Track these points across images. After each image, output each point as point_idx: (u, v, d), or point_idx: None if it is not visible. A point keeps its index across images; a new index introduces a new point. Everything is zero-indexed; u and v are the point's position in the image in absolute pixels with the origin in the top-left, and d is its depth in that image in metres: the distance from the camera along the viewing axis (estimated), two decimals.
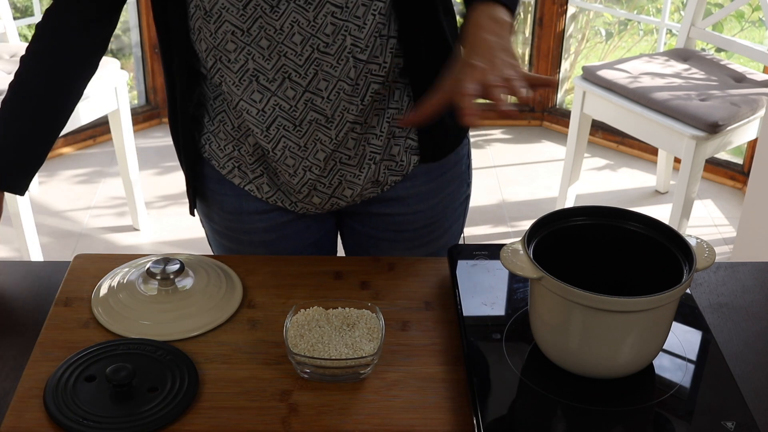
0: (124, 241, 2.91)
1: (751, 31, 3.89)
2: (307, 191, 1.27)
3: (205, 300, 1.15)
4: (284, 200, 1.31)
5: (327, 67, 1.16)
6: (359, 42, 1.15)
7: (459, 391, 1.03)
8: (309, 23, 1.13)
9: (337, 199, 1.29)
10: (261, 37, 1.14)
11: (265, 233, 1.35)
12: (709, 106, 2.60)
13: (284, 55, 1.15)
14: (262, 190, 1.30)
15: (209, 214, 1.38)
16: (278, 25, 1.13)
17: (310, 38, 1.14)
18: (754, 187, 2.47)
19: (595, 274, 1.05)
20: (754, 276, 1.29)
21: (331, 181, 1.26)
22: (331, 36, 1.14)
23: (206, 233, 1.46)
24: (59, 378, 1.02)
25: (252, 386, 1.04)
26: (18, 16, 3.29)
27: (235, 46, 1.15)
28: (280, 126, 1.20)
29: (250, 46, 1.15)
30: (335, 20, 1.13)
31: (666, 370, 1.04)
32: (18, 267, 1.29)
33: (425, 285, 1.22)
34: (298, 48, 1.14)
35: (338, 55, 1.15)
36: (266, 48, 1.15)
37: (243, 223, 1.35)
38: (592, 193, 3.23)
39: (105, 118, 2.81)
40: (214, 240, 1.44)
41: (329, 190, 1.28)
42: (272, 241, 1.36)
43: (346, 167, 1.25)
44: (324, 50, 1.15)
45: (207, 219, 1.41)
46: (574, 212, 1.08)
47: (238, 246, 1.38)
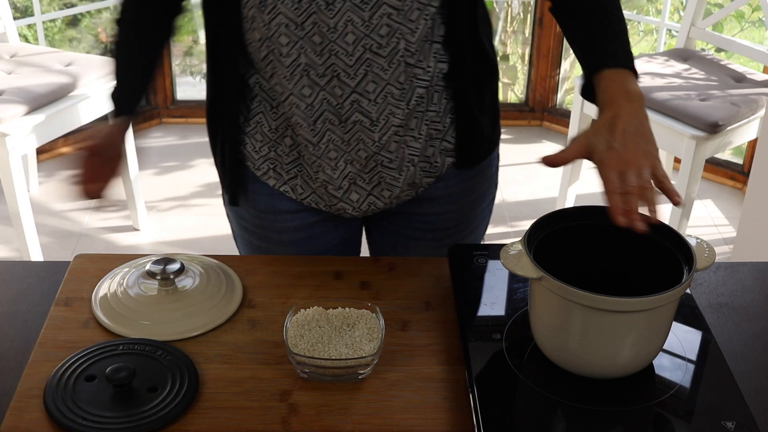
0: (124, 241, 2.91)
1: (751, 31, 3.88)
2: (348, 185, 1.26)
3: (205, 300, 1.15)
4: (318, 201, 1.30)
5: (377, 68, 1.16)
6: (411, 46, 1.15)
7: (459, 391, 1.03)
8: (364, 23, 1.12)
9: (375, 198, 1.28)
10: (314, 32, 1.13)
11: (295, 232, 1.35)
12: (709, 106, 2.60)
13: (335, 54, 1.14)
14: (296, 191, 1.30)
15: (240, 212, 1.38)
16: (332, 23, 1.12)
17: (363, 38, 1.13)
18: (754, 187, 2.47)
19: (595, 274, 1.05)
20: (754, 276, 1.29)
21: (371, 178, 1.26)
22: (385, 38, 1.14)
23: (233, 230, 1.45)
24: (59, 378, 1.02)
25: (252, 386, 1.04)
26: (18, 16, 3.29)
27: (288, 39, 1.15)
28: (326, 120, 1.20)
29: (302, 41, 1.14)
30: (391, 22, 1.13)
31: (666, 370, 1.04)
32: (18, 267, 1.29)
33: (425, 285, 1.22)
34: (350, 48, 1.14)
35: (390, 58, 1.15)
36: (318, 44, 1.14)
37: (275, 222, 1.35)
38: (592, 193, 3.23)
39: (105, 118, 2.81)
40: (241, 237, 1.43)
41: (369, 186, 1.27)
42: (301, 241, 1.36)
43: (386, 170, 1.25)
44: (376, 51, 1.14)
45: (237, 216, 1.40)
46: (574, 212, 1.08)
47: (267, 244, 1.38)
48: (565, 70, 3.64)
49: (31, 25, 3.46)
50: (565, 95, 3.71)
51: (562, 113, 3.60)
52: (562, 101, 3.70)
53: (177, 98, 3.62)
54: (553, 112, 3.64)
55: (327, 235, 1.37)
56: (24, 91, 2.51)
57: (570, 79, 3.70)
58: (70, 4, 3.64)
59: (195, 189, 3.19)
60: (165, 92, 3.57)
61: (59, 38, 3.76)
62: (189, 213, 3.05)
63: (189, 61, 3.88)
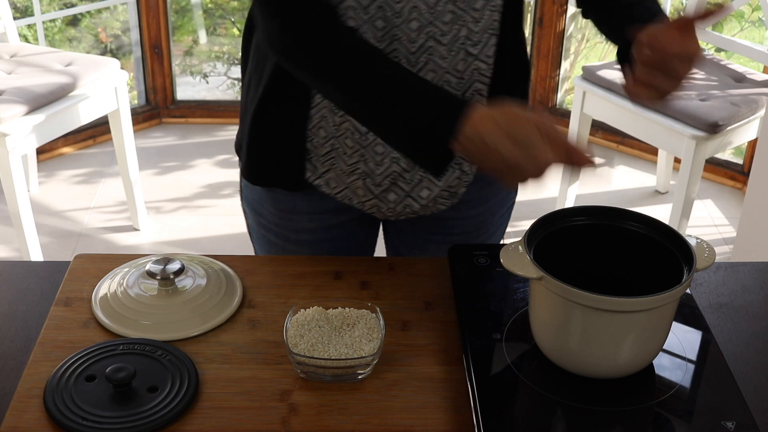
0: (124, 241, 2.91)
1: (751, 31, 3.88)
2: (388, 185, 1.24)
3: (205, 300, 1.15)
4: (352, 197, 1.28)
5: (437, 56, 1.14)
6: (473, 35, 1.14)
7: (459, 391, 1.03)
8: (429, 9, 1.11)
9: (411, 199, 1.26)
10: (378, 17, 1.12)
11: (312, 233, 1.35)
12: (709, 106, 2.60)
13: (397, 39, 1.13)
14: (329, 185, 1.27)
15: (258, 208, 1.37)
16: (398, 8, 1.11)
17: (428, 26, 1.12)
18: (754, 187, 2.47)
19: (595, 274, 1.05)
20: (754, 276, 1.29)
21: (413, 177, 1.24)
22: (448, 24, 1.13)
23: (249, 225, 1.44)
24: (59, 378, 1.02)
25: (252, 386, 1.04)
26: (18, 16, 3.29)
27: (353, 23, 1.12)
28: None
29: (366, 24, 1.12)
30: (455, 8, 1.12)
31: (666, 370, 1.04)
32: (18, 267, 1.29)
33: (425, 285, 1.22)
34: (413, 34, 1.13)
35: (450, 45, 1.14)
36: (381, 29, 1.13)
37: (293, 222, 1.34)
38: (592, 193, 3.23)
39: (105, 118, 2.81)
40: (257, 233, 1.42)
41: (408, 187, 1.25)
42: (318, 242, 1.36)
43: None
44: (438, 39, 1.13)
45: (255, 213, 1.39)
46: (574, 212, 1.08)
47: (284, 242, 1.38)
48: (565, 70, 3.64)
49: (31, 25, 3.46)
50: (565, 95, 3.71)
51: (562, 113, 3.60)
52: (562, 101, 3.70)
53: (177, 98, 3.63)
54: (553, 112, 3.64)
55: (344, 239, 1.37)
56: (24, 91, 2.51)
57: (570, 79, 3.70)
58: (70, 4, 3.64)
59: (195, 189, 3.19)
60: (165, 92, 3.57)
61: (59, 38, 3.76)
62: (189, 213, 3.05)
63: (189, 61, 3.88)
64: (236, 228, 2.98)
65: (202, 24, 3.90)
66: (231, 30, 3.92)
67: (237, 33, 3.90)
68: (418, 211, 1.29)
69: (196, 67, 3.87)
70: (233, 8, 3.87)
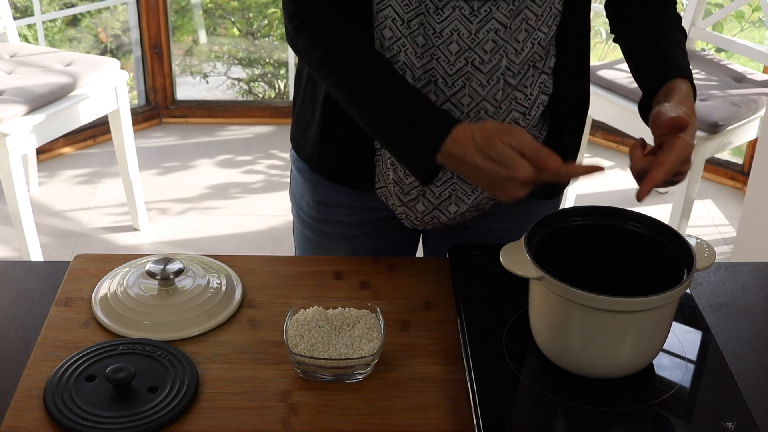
0: (124, 241, 2.91)
1: (751, 31, 3.88)
2: (416, 194, 1.25)
3: (205, 300, 1.15)
4: (388, 197, 1.29)
5: (476, 84, 1.15)
6: (513, 66, 1.15)
7: (459, 391, 1.03)
8: (470, 35, 1.12)
9: (439, 212, 1.27)
10: (419, 33, 1.13)
11: (348, 227, 1.35)
12: (709, 106, 2.60)
13: (436, 59, 1.14)
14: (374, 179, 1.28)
15: (299, 201, 1.38)
16: (439, 28, 1.12)
17: (467, 51, 1.13)
18: (754, 187, 2.47)
19: (595, 274, 1.05)
20: (754, 276, 1.29)
21: (442, 192, 1.25)
22: (489, 53, 1.13)
23: (293, 225, 1.45)
24: (59, 378, 1.02)
25: (252, 386, 1.04)
26: (18, 16, 3.29)
27: (391, 33, 1.14)
28: None
29: (405, 38, 1.13)
30: (497, 38, 1.12)
31: (666, 370, 1.04)
32: (18, 267, 1.29)
33: (425, 285, 1.22)
34: (452, 57, 1.13)
35: (490, 75, 1.15)
36: (421, 46, 1.13)
37: (329, 214, 1.35)
38: (592, 193, 3.23)
39: (105, 118, 2.81)
40: (297, 229, 1.43)
41: (436, 200, 1.25)
42: (353, 237, 1.36)
43: (461, 183, 1.24)
44: (478, 66, 1.14)
45: (296, 206, 1.40)
46: (574, 212, 1.08)
47: (320, 237, 1.38)
48: None
49: (31, 25, 3.46)
50: None
51: None
52: None
53: (177, 98, 3.63)
54: None
55: (380, 236, 1.37)
56: (24, 91, 2.51)
57: None
58: (70, 4, 3.64)
59: (195, 189, 3.19)
60: (165, 92, 3.57)
61: (59, 38, 3.76)
62: (189, 213, 3.05)
63: (189, 61, 3.88)
64: (236, 228, 2.98)
65: (202, 24, 3.90)
66: (231, 30, 3.91)
67: (237, 33, 3.90)
68: (446, 223, 1.30)
69: (196, 67, 3.87)
70: (233, 8, 3.87)
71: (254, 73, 3.90)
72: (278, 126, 3.61)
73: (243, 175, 3.28)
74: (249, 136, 3.53)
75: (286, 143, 3.47)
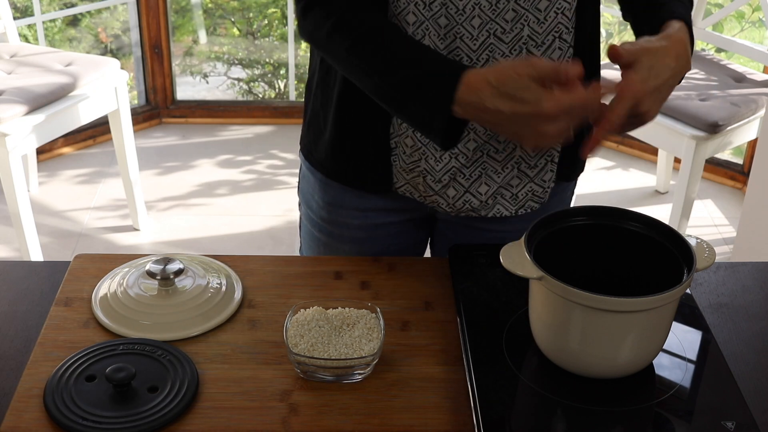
0: (124, 241, 2.91)
1: (751, 31, 3.88)
2: (447, 180, 1.24)
3: (205, 300, 1.15)
4: (413, 192, 1.28)
5: (499, 54, 1.15)
6: (536, 36, 1.14)
7: (459, 391, 1.03)
8: (491, 6, 1.12)
9: (471, 195, 1.25)
10: (441, 14, 1.13)
11: (357, 230, 1.35)
12: (709, 106, 2.60)
13: (460, 37, 1.14)
14: (390, 180, 1.28)
15: (309, 201, 1.38)
16: (461, 5, 1.12)
17: (489, 23, 1.13)
18: (754, 187, 2.47)
19: (595, 274, 1.05)
20: (754, 276, 1.29)
21: (472, 172, 1.23)
22: (510, 23, 1.13)
23: (300, 222, 1.45)
24: (59, 378, 1.02)
25: (252, 386, 1.04)
26: (18, 16, 3.29)
27: (414, 18, 1.13)
28: None
29: (428, 21, 1.13)
30: (517, 7, 1.12)
31: (666, 370, 1.04)
32: (18, 267, 1.29)
33: (425, 285, 1.22)
34: (475, 32, 1.13)
35: (513, 44, 1.14)
36: (443, 27, 1.13)
37: (340, 216, 1.34)
38: (592, 193, 3.23)
39: (105, 118, 2.81)
40: (305, 228, 1.43)
41: (467, 182, 1.24)
42: (362, 239, 1.36)
43: (491, 160, 1.22)
44: (500, 36, 1.14)
45: (306, 206, 1.40)
46: (574, 212, 1.08)
47: (328, 239, 1.38)
48: None
49: (31, 25, 3.46)
50: None
51: None
52: None
53: (177, 98, 3.63)
54: None
55: (389, 240, 1.37)
56: (24, 91, 2.51)
57: None
58: (70, 4, 3.64)
59: (195, 189, 3.19)
60: (165, 92, 3.57)
61: (59, 38, 3.76)
62: (189, 213, 3.05)
63: (189, 61, 3.88)
64: (236, 228, 2.98)
65: (202, 24, 3.90)
66: (231, 30, 3.91)
67: (237, 33, 3.90)
68: (478, 209, 1.27)
69: (196, 67, 3.87)
70: (233, 8, 3.87)
71: (254, 73, 3.90)
72: (278, 126, 3.61)
73: (243, 175, 3.28)
74: (249, 136, 3.53)
75: (286, 143, 3.47)
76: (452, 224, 1.36)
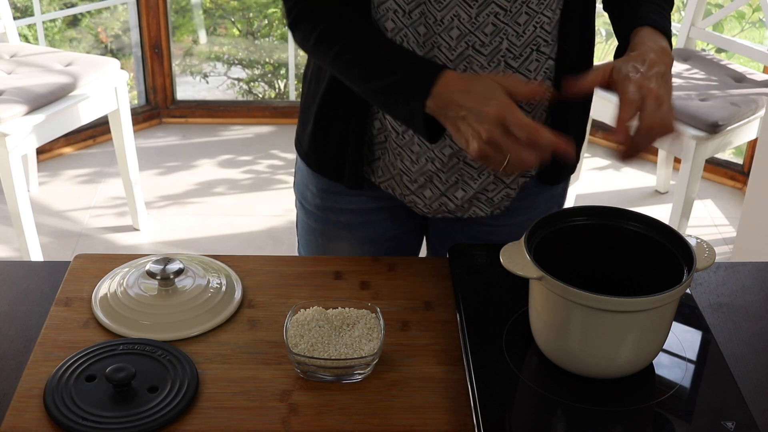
0: (124, 241, 2.91)
1: (752, 31, 3.88)
2: (424, 181, 1.26)
3: (205, 300, 1.15)
4: (395, 188, 1.30)
5: (477, 66, 1.16)
6: (514, 48, 1.15)
7: (459, 391, 1.03)
8: (470, 19, 1.13)
9: (447, 199, 1.27)
10: (420, 23, 1.14)
11: (352, 215, 1.36)
12: (709, 106, 2.60)
13: (437, 46, 1.15)
14: (375, 174, 1.29)
15: (304, 191, 1.39)
16: (439, 15, 1.13)
17: (468, 35, 1.14)
18: (754, 187, 2.47)
19: (595, 274, 1.05)
20: (754, 276, 1.29)
21: (449, 178, 1.25)
22: (489, 36, 1.14)
23: (297, 219, 1.46)
24: (59, 378, 1.02)
25: (252, 386, 1.04)
26: (18, 16, 3.29)
27: (393, 25, 1.15)
28: None
29: (407, 29, 1.14)
30: (497, 21, 1.13)
31: (666, 370, 1.04)
32: (18, 267, 1.29)
33: (425, 285, 1.22)
34: (453, 42, 1.14)
35: (491, 57, 1.15)
36: (422, 35, 1.14)
37: (334, 202, 1.35)
38: (592, 193, 3.23)
39: (105, 118, 2.81)
40: (302, 221, 1.44)
41: (443, 186, 1.26)
42: (357, 225, 1.37)
43: (467, 167, 1.24)
44: (478, 49, 1.15)
45: (300, 197, 1.41)
46: (574, 212, 1.08)
47: (324, 227, 1.39)
48: None
49: (31, 25, 3.46)
50: None
51: None
52: None
53: (177, 98, 3.63)
54: None
55: (382, 225, 1.38)
56: (24, 91, 2.51)
57: None
58: (70, 4, 3.64)
59: (195, 189, 3.19)
60: (165, 92, 3.57)
61: (59, 38, 3.76)
62: (189, 213, 3.05)
63: (189, 61, 3.88)
64: (236, 228, 2.98)
65: (202, 24, 3.90)
66: (231, 30, 3.91)
67: (237, 33, 3.90)
68: (454, 211, 1.30)
69: (196, 67, 3.87)
70: (233, 8, 3.87)
71: (254, 73, 3.90)
72: (278, 126, 3.61)
73: (243, 175, 3.27)
74: (249, 136, 3.53)
75: (286, 143, 3.47)
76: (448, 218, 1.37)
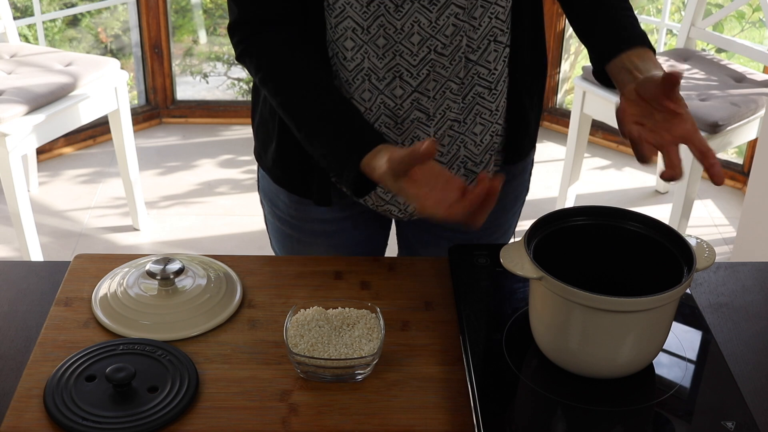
0: (124, 241, 2.91)
1: (752, 31, 3.88)
2: None
3: (205, 300, 1.15)
4: (368, 199, 1.30)
5: (439, 68, 1.16)
6: (472, 43, 1.16)
7: (459, 391, 1.03)
8: (430, 24, 1.13)
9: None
10: (379, 35, 1.14)
11: (325, 224, 1.36)
12: (709, 106, 2.60)
13: (399, 54, 1.15)
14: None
15: (275, 200, 1.39)
16: (399, 24, 1.13)
17: (429, 39, 1.14)
18: (754, 187, 2.47)
19: (595, 274, 1.05)
20: (754, 276, 1.29)
21: None
22: (449, 37, 1.14)
23: (265, 217, 1.46)
24: (59, 378, 1.02)
25: (252, 386, 1.04)
26: (18, 16, 3.29)
27: (353, 44, 1.15)
28: (381, 124, 1.20)
29: (367, 45, 1.15)
30: (457, 21, 1.13)
31: (666, 370, 1.04)
32: (18, 267, 1.29)
33: (425, 285, 1.22)
34: (415, 48, 1.14)
35: (452, 56, 1.16)
36: (382, 47, 1.15)
37: (308, 213, 1.35)
38: (592, 193, 3.23)
39: (105, 118, 2.81)
40: (273, 225, 1.44)
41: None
42: (330, 233, 1.37)
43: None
44: (440, 51, 1.15)
45: (271, 204, 1.41)
46: (574, 212, 1.08)
47: (299, 234, 1.39)
48: (565, 71, 3.64)
49: (31, 25, 3.46)
50: (565, 95, 3.71)
51: (562, 113, 3.60)
52: (562, 101, 3.70)
53: (177, 98, 3.63)
54: (553, 112, 3.64)
55: (356, 229, 1.38)
56: (24, 91, 2.51)
57: (570, 79, 3.70)
58: (70, 4, 3.64)
59: (195, 189, 3.19)
60: (165, 92, 3.57)
61: (59, 38, 3.76)
62: (189, 213, 3.05)
63: (189, 61, 3.88)
64: (236, 228, 2.98)
65: (202, 24, 3.90)
66: None
67: None
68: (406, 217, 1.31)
69: (196, 67, 3.87)
70: None
71: None
72: None
73: (243, 175, 3.27)
74: (249, 136, 3.51)
75: None
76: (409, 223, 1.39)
